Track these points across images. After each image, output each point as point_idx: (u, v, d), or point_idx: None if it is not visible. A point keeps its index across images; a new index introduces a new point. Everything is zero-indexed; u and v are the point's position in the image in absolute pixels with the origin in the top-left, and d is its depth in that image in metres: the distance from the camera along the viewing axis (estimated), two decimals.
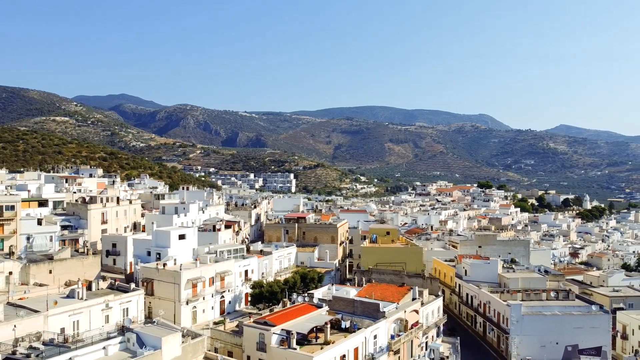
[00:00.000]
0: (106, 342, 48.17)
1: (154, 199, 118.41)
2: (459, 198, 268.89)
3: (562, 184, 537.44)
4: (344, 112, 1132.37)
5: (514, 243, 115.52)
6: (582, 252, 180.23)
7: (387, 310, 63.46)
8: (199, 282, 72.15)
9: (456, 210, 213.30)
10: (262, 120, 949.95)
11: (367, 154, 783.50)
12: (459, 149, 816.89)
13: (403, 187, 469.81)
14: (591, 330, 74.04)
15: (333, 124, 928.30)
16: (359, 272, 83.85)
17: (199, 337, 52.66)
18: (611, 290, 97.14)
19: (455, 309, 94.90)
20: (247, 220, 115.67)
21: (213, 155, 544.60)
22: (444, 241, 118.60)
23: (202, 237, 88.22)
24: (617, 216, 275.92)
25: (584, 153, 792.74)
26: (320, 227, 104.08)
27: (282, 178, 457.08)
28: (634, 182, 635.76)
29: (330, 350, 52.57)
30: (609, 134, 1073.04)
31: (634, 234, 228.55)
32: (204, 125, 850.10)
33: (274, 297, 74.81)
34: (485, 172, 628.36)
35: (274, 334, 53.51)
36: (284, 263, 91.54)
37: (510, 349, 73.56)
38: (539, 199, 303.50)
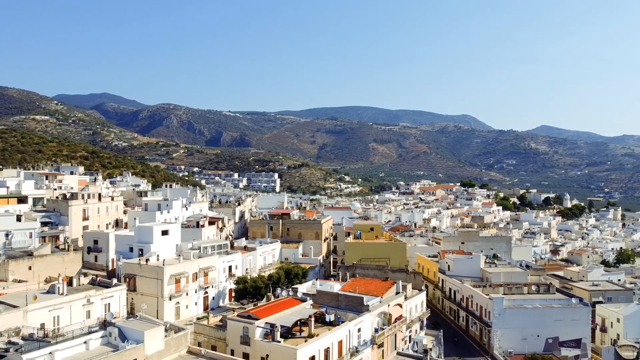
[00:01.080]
0: (87, 336, 47.58)
1: (136, 196, 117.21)
2: (442, 197, 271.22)
3: (543, 184, 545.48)
4: (329, 112, 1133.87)
5: (496, 239, 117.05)
6: (562, 249, 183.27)
7: (371, 304, 63.70)
8: (182, 277, 71.66)
9: (439, 209, 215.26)
10: (246, 120, 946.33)
11: (352, 153, 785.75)
12: (442, 149, 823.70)
13: (387, 186, 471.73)
14: (571, 323, 75.34)
15: (317, 124, 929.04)
16: (343, 267, 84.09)
17: (182, 331, 52.30)
18: (590, 284, 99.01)
19: (438, 303, 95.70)
20: (231, 217, 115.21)
21: (197, 155, 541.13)
22: (427, 238, 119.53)
23: (186, 234, 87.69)
24: (596, 214, 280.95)
25: (564, 153, 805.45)
26: (305, 224, 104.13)
27: (267, 178, 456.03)
28: (612, 182, 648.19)
29: (315, 343, 52.60)
30: (589, 135, 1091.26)
31: (612, 232, 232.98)
32: (188, 124, 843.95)
33: (258, 292, 74.63)
34: (468, 171, 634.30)
35: (258, 327, 53.37)
36: (268, 259, 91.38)
37: (493, 341, 74.44)
38: (521, 197, 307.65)
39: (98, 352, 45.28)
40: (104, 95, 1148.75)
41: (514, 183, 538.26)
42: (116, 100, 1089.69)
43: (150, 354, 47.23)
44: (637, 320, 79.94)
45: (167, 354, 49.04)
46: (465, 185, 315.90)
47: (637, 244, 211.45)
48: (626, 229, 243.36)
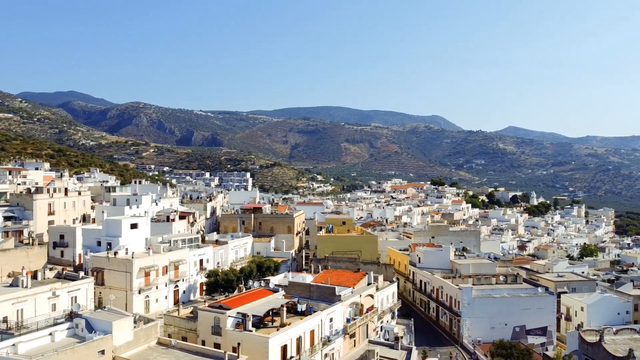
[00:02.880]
0: (52, 328, 46.47)
1: (104, 191, 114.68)
2: (413, 195, 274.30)
3: (511, 183, 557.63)
4: (301, 112, 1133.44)
5: (466, 233, 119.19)
6: (529, 245, 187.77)
7: (343, 295, 64.05)
8: (152, 270, 70.55)
9: (410, 206, 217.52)
10: (218, 120, 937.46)
11: (324, 153, 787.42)
12: (413, 149, 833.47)
13: (359, 185, 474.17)
14: (537, 311, 77.37)
15: (290, 124, 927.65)
16: (315, 260, 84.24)
17: (151, 322, 51.51)
18: (556, 276, 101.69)
19: (409, 296, 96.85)
20: (202, 213, 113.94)
21: (167, 154, 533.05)
22: (398, 232, 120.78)
23: (156, 228, 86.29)
24: (561, 212, 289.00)
25: (530, 153, 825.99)
26: (277, 218, 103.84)
27: (239, 177, 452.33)
28: (576, 181, 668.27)
29: (287, 332, 52.51)
30: (554, 136, 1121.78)
31: (576, 228, 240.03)
32: (158, 123, 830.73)
33: (229, 285, 73.98)
34: (438, 171, 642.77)
35: (230, 317, 52.98)
36: (240, 253, 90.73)
37: (462, 331, 75.80)
38: (489, 195, 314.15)
39: (64, 344, 44.19)
40: (71, 93, 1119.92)
41: (482, 182, 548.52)
42: (84, 98, 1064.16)
43: (118, 344, 46.36)
44: (600, 308, 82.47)
45: (137, 345, 48.20)
46: (436, 183, 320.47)
47: (599, 240, 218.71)
48: (589, 226, 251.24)
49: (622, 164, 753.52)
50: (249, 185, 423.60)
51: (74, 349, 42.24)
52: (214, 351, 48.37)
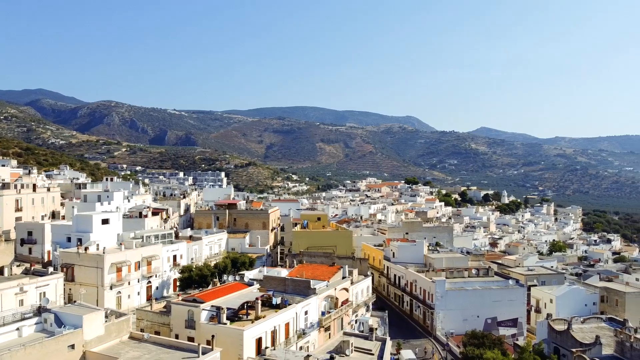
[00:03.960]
0: (20, 323, 45.23)
1: (74, 188, 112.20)
2: (388, 194, 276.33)
3: (483, 182, 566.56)
4: (276, 112, 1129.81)
5: (439, 229, 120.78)
6: (500, 242, 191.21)
7: (318, 288, 64.12)
8: (124, 266, 69.40)
9: (385, 205, 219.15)
10: (192, 119, 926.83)
11: (299, 153, 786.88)
12: (387, 149, 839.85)
13: (334, 185, 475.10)
14: (508, 303, 79.00)
15: (265, 124, 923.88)
16: (290, 255, 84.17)
17: (123, 317, 50.67)
18: (526, 269, 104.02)
19: (383, 290, 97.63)
20: (176, 210, 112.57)
21: (140, 154, 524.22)
22: (373, 228, 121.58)
23: (128, 224, 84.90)
24: (531, 210, 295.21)
25: (502, 154, 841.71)
26: (252, 214, 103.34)
27: (213, 177, 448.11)
28: (546, 181, 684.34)
29: (261, 324, 52.34)
30: (525, 137, 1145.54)
31: (546, 226, 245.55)
32: (130, 122, 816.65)
33: (204, 280, 73.38)
34: (412, 171, 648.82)
35: (204, 310, 52.54)
36: (215, 249, 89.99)
37: (435, 323, 76.82)
38: (462, 194, 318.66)
39: (32, 339, 43.09)
40: (40, 91, 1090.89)
41: (455, 182, 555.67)
42: (53, 96, 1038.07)
43: (89, 339, 45.42)
44: (568, 300, 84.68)
45: (108, 340, 47.32)
46: (410, 182, 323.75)
47: (568, 237, 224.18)
48: (558, 223, 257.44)
49: (589, 164, 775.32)
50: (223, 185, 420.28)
51: (42, 344, 41.23)
52: (187, 344, 47.87)
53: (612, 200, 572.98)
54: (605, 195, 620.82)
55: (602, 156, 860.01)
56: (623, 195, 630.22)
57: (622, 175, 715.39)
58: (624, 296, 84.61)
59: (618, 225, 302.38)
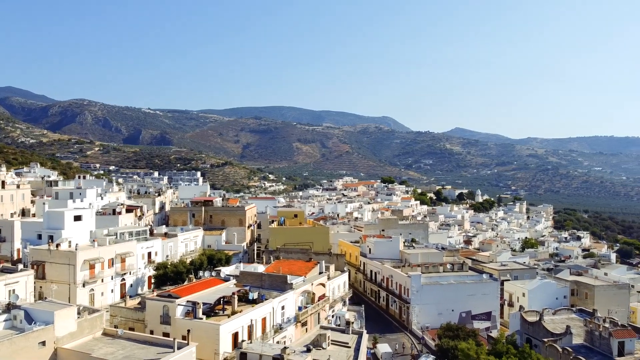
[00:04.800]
0: None
1: (45, 185, 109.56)
2: (364, 193, 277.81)
3: (457, 182, 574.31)
4: (253, 111, 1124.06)
5: (414, 226, 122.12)
6: (474, 240, 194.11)
7: (295, 283, 64.15)
8: (97, 263, 68.15)
9: (361, 203, 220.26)
10: (167, 118, 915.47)
11: (276, 153, 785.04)
12: (363, 149, 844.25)
13: (311, 185, 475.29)
14: (482, 297, 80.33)
15: (241, 123, 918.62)
16: (266, 252, 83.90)
17: (97, 313, 49.80)
18: (499, 265, 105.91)
19: (360, 286, 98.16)
20: (150, 207, 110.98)
21: (114, 153, 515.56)
22: (349, 226, 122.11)
23: (101, 221, 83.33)
24: (504, 208, 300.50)
25: (476, 154, 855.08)
26: (228, 210, 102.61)
27: (189, 176, 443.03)
28: (518, 180, 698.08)
29: (238, 319, 52.07)
30: (498, 137, 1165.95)
31: (518, 223, 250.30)
32: (104, 121, 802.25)
33: (179, 277, 72.51)
34: (388, 171, 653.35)
35: (179, 305, 51.96)
36: (190, 246, 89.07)
37: (411, 317, 77.60)
38: (437, 193, 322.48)
39: (0, 336, 42.01)
40: (9, 89, 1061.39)
41: (430, 181, 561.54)
42: (23, 94, 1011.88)
43: (61, 335, 44.51)
44: (540, 293, 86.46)
45: (81, 336, 46.44)
46: (386, 181, 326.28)
47: (539, 234, 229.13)
48: (530, 221, 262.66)
49: (560, 164, 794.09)
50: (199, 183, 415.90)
51: (11, 340, 40.23)
52: (162, 339, 47.29)
53: (581, 199, 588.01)
54: (575, 195, 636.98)
55: (572, 156, 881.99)
56: (592, 195, 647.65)
57: (591, 175, 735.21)
58: (593, 289, 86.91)
59: (587, 223, 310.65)
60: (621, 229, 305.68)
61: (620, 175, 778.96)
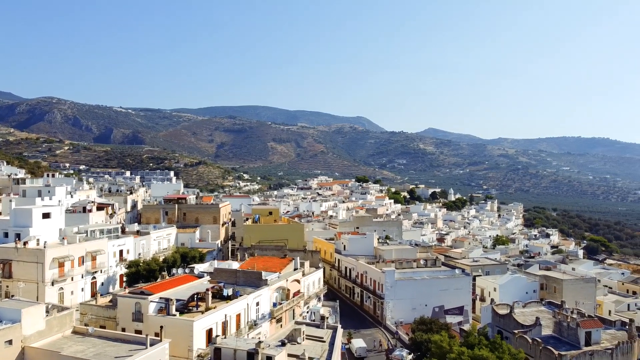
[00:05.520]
0: None
1: (12, 183, 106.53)
2: (339, 192, 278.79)
3: (431, 181, 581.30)
4: (227, 110, 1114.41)
5: (388, 223, 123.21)
6: (447, 237, 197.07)
7: (270, 279, 63.99)
8: (67, 261, 66.62)
9: (336, 202, 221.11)
10: (139, 117, 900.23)
11: (250, 152, 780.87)
12: (338, 149, 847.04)
13: (286, 184, 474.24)
14: (455, 292, 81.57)
15: (216, 123, 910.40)
16: (241, 249, 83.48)
17: (66, 311, 48.76)
18: (471, 261, 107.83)
19: (335, 283, 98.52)
20: (122, 205, 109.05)
21: (84, 152, 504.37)
22: (324, 223, 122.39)
23: (71, 219, 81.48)
24: (476, 206, 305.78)
25: (449, 154, 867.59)
26: (202, 208, 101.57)
27: (162, 176, 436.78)
28: (490, 180, 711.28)
29: (212, 315, 51.69)
30: (470, 138, 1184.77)
31: (490, 221, 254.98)
32: (74, 120, 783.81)
33: (152, 275, 71.46)
34: (363, 170, 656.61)
35: (152, 302, 51.29)
36: (163, 244, 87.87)
37: (385, 313, 78.27)
38: (410, 192, 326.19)
39: None
40: None
41: (404, 181, 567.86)
42: None
43: (28, 334, 43.47)
44: (510, 288, 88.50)
45: (49, 334, 45.45)
46: (360, 180, 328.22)
47: (510, 232, 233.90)
48: (501, 219, 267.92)
49: (530, 164, 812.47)
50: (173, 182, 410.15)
51: None
52: (135, 336, 46.63)
53: (550, 197, 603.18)
54: (544, 193, 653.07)
55: (541, 156, 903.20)
56: (560, 193, 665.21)
57: (559, 175, 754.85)
58: (561, 283, 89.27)
59: (556, 220, 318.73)
60: (588, 227, 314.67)
61: (587, 174, 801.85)
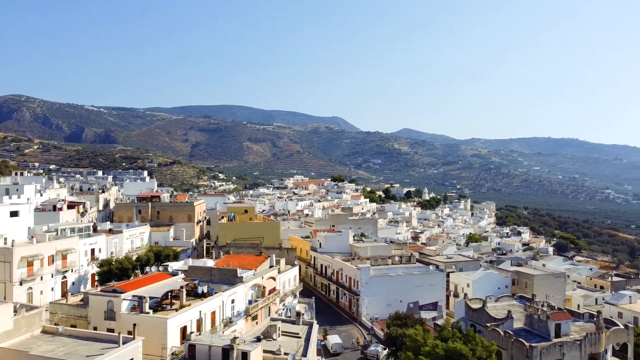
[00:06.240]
0: None
1: None
2: (315, 191, 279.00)
3: (405, 181, 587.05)
4: (202, 110, 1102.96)
5: (364, 221, 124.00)
6: (422, 236, 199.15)
7: (245, 276, 63.66)
8: (36, 260, 65.06)
9: (312, 201, 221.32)
10: (112, 116, 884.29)
11: (226, 152, 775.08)
12: (314, 149, 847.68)
13: (261, 184, 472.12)
14: (429, 288, 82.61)
15: (190, 122, 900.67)
16: (216, 247, 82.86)
17: (35, 310, 47.58)
18: (445, 258, 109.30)
19: (310, 281, 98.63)
20: (94, 204, 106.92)
21: (54, 151, 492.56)
22: (300, 221, 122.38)
23: (41, 217, 79.71)
24: (450, 205, 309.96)
25: (423, 154, 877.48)
26: (176, 206, 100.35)
27: (135, 175, 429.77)
28: (463, 179, 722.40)
29: (186, 313, 51.13)
30: (444, 138, 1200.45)
31: (463, 220, 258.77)
32: (43, 118, 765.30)
33: (124, 274, 70.33)
34: (339, 170, 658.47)
35: (125, 300, 50.46)
36: (136, 243, 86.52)
37: (361, 309, 78.73)
38: (385, 191, 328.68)
39: None
40: None
41: (379, 180, 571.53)
42: None
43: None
44: (483, 283, 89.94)
45: (17, 334, 44.30)
46: (336, 180, 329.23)
47: (483, 230, 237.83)
48: (474, 218, 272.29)
49: (502, 164, 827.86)
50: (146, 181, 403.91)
51: None
52: (107, 335, 45.81)
53: (521, 197, 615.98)
54: (516, 193, 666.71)
55: (513, 156, 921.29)
56: (531, 193, 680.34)
57: (530, 174, 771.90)
58: (532, 278, 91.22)
59: (527, 219, 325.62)
60: (558, 225, 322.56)
61: (557, 174, 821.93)
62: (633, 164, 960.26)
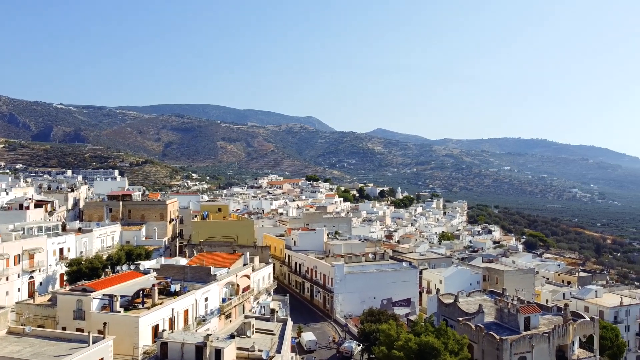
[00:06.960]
0: None
1: None
2: (289, 190, 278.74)
3: (379, 180, 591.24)
4: (175, 109, 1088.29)
5: (338, 220, 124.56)
6: (395, 234, 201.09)
7: (219, 274, 63.23)
8: (1, 259, 63.16)
9: (286, 201, 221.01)
10: (81, 114, 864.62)
11: (199, 152, 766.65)
12: (288, 149, 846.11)
13: (235, 184, 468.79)
14: (402, 284, 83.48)
15: (163, 121, 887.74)
16: (189, 246, 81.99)
17: (0, 310, 46.28)
18: (418, 255, 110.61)
19: (285, 279, 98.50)
20: (63, 203, 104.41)
21: (21, 150, 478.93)
22: (274, 220, 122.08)
23: (6, 216, 77.55)
24: (422, 204, 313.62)
25: (396, 154, 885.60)
26: (148, 204, 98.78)
27: (106, 175, 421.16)
28: (436, 179, 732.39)
29: (158, 311, 50.50)
30: (417, 138, 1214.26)
31: (436, 219, 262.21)
32: (9, 117, 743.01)
33: (95, 273, 68.83)
34: (313, 170, 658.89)
35: (95, 299, 49.49)
36: (107, 242, 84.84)
37: (335, 306, 79.04)
38: (360, 190, 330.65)
39: None
40: None
41: (353, 180, 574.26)
42: None
43: None
44: (455, 279, 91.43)
45: None
46: (310, 179, 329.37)
47: (455, 228, 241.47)
48: (446, 216, 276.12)
49: (474, 164, 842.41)
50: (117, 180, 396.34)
51: None
52: (76, 334, 44.86)
53: (492, 196, 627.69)
54: (487, 192, 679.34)
55: (484, 156, 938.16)
56: (502, 192, 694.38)
57: (501, 174, 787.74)
58: (502, 274, 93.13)
59: (498, 217, 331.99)
60: (527, 223, 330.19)
61: (526, 174, 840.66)
62: (599, 164, 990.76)
